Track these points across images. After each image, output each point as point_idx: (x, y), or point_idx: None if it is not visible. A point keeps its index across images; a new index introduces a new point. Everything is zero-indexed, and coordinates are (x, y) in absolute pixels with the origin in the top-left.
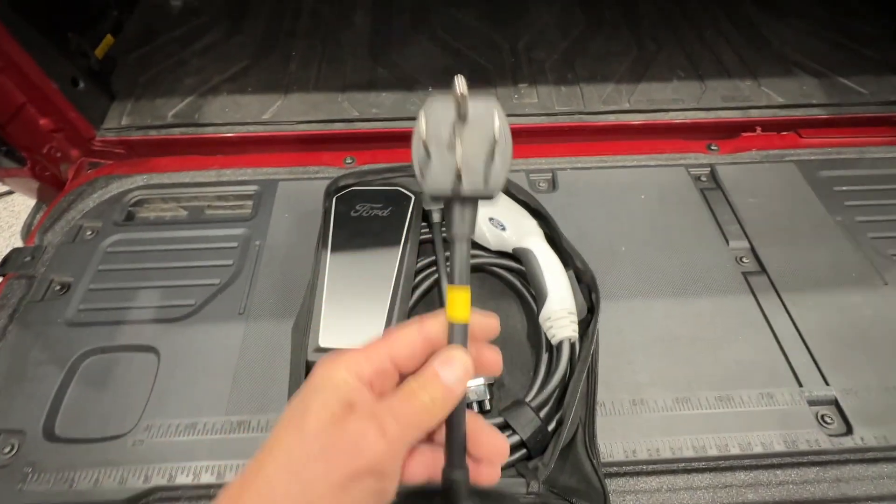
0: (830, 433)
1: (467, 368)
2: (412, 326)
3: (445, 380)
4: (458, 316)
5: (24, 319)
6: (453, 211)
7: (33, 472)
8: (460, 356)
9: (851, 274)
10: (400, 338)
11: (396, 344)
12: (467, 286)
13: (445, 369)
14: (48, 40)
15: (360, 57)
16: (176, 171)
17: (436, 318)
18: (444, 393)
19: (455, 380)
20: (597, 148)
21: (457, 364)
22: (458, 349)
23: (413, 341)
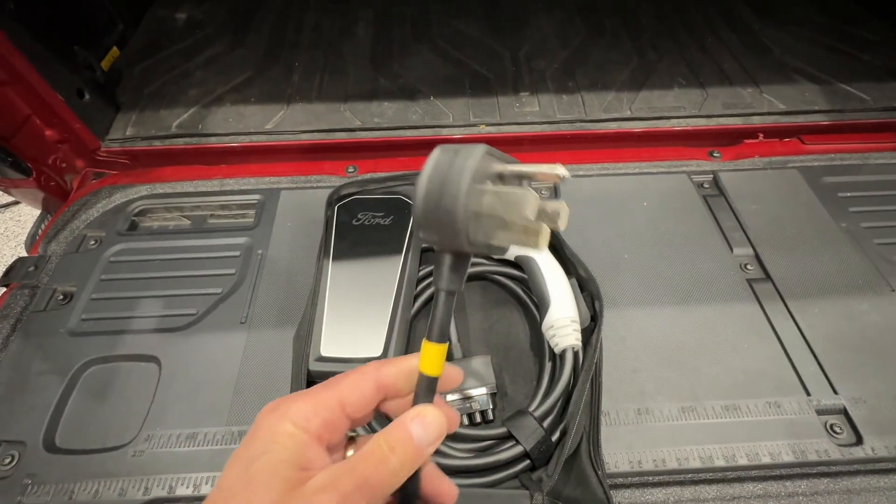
0: (840, 443)
1: (441, 431)
2: (367, 373)
3: (418, 441)
4: (431, 371)
5: (26, 329)
6: (445, 262)
7: (33, 484)
8: (435, 416)
9: (858, 280)
10: (352, 383)
11: (348, 390)
12: (446, 343)
13: (418, 429)
14: (54, 53)
15: (362, 67)
16: (179, 181)
17: (393, 365)
18: (414, 455)
19: (428, 442)
20: (598, 155)
21: (432, 425)
22: (432, 408)
23: (366, 388)
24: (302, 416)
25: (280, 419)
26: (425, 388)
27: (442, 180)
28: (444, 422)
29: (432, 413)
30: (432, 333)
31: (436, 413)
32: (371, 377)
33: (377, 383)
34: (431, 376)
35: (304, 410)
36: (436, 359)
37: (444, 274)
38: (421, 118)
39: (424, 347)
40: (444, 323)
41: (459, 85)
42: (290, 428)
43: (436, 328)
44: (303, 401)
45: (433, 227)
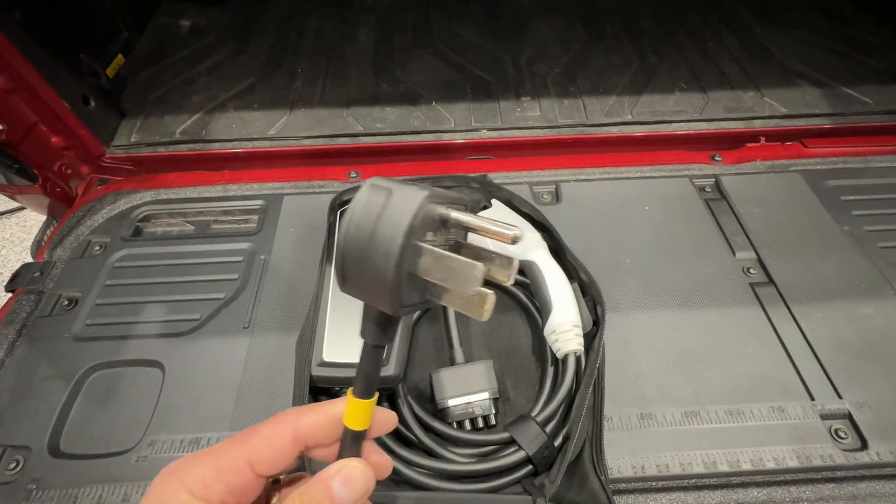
0: (845, 448)
1: (367, 487)
2: (284, 422)
3: (339, 500)
4: (356, 425)
5: (31, 335)
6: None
7: (38, 489)
8: (360, 472)
9: (861, 284)
10: (265, 438)
11: (260, 446)
12: (373, 398)
13: (339, 486)
14: (60, 61)
15: (364, 73)
16: (183, 187)
17: (314, 412)
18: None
19: (350, 500)
20: (600, 160)
21: (356, 481)
22: (358, 463)
23: (282, 442)
24: (200, 484)
25: (175, 487)
26: (350, 442)
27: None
28: (370, 477)
29: (357, 469)
30: (357, 388)
31: (361, 468)
32: (288, 429)
33: (295, 435)
34: (356, 431)
35: (205, 477)
36: (362, 413)
37: (372, 329)
38: (423, 123)
39: (349, 402)
40: (370, 377)
41: (461, 90)
42: (184, 497)
43: (360, 383)
44: (204, 464)
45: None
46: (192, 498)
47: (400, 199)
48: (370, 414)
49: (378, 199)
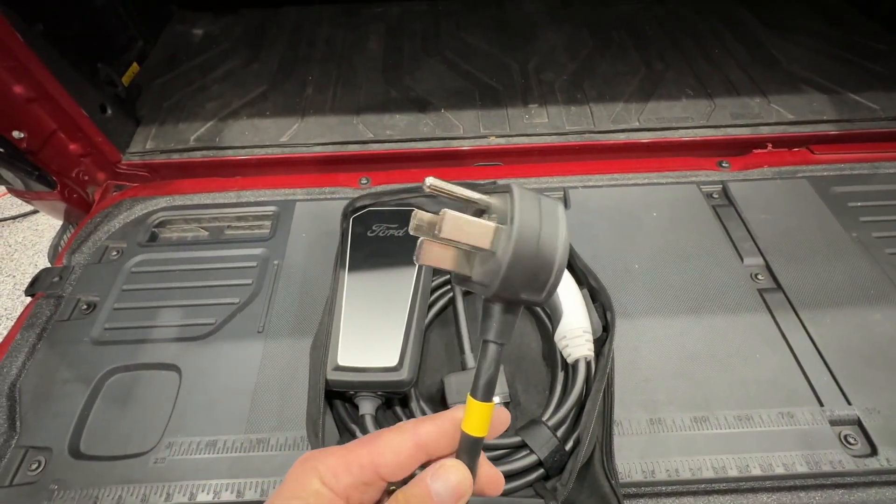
0: (854, 454)
1: (465, 491)
2: (405, 432)
3: (438, 499)
4: (474, 431)
5: (51, 338)
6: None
7: (59, 490)
8: (459, 474)
9: (870, 290)
10: (388, 443)
11: (383, 450)
12: (493, 402)
13: (438, 486)
14: (79, 71)
15: (373, 81)
16: (197, 193)
17: (433, 422)
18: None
19: (449, 500)
20: (607, 166)
21: (453, 484)
22: (457, 464)
23: (403, 449)
24: (332, 474)
25: (309, 473)
26: (467, 448)
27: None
28: (468, 481)
29: (456, 470)
30: (477, 390)
31: (460, 470)
32: (410, 436)
33: (416, 443)
34: (474, 437)
35: (335, 467)
36: (481, 418)
37: (495, 325)
38: (432, 130)
39: (470, 405)
40: (491, 378)
41: (469, 97)
42: (316, 485)
43: (482, 384)
44: (335, 456)
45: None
46: (322, 486)
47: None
48: (488, 419)
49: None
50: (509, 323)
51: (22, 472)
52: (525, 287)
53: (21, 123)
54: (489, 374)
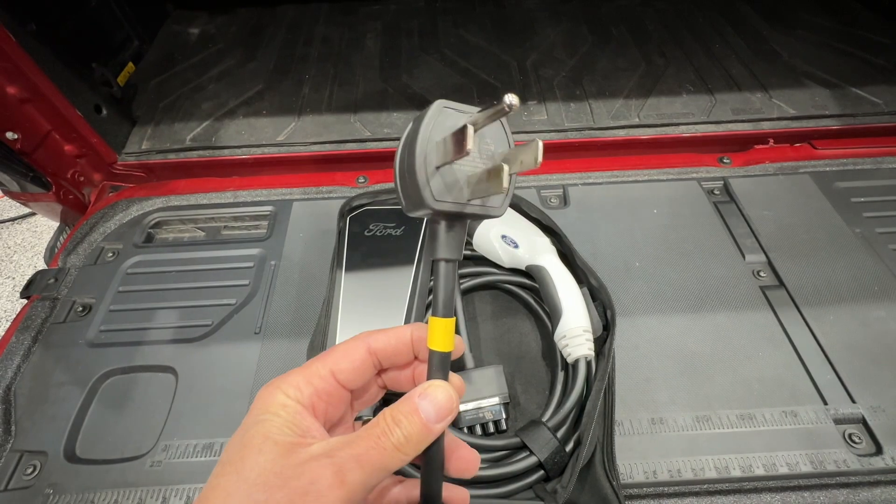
0: (859, 453)
1: (451, 408)
2: (358, 340)
3: (425, 415)
4: (441, 346)
5: (47, 341)
6: (440, 230)
7: (54, 494)
8: (445, 392)
9: (873, 287)
10: (342, 352)
11: (338, 357)
12: (453, 317)
13: (425, 404)
14: (73, 71)
15: (371, 79)
16: (193, 193)
17: (384, 333)
18: (420, 430)
19: (436, 416)
20: (607, 163)
21: (440, 401)
22: (443, 384)
23: (356, 355)
24: (293, 387)
25: (273, 392)
26: (437, 364)
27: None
28: (454, 399)
29: (442, 389)
30: (437, 308)
31: (445, 389)
32: (362, 343)
33: (368, 349)
34: (442, 352)
35: (296, 381)
36: (445, 334)
37: (440, 242)
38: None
39: (431, 323)
40: (447, 295)
41: (468, 94)
42: (281, 398)
43: (440, 301)
44: (295, 374)
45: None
46: (287, 398)
47: (420, 115)
48: (452, 334)
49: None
50: (453, 238)
51: (17, 476)
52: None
53: (15, 124)
54: (445, 291)
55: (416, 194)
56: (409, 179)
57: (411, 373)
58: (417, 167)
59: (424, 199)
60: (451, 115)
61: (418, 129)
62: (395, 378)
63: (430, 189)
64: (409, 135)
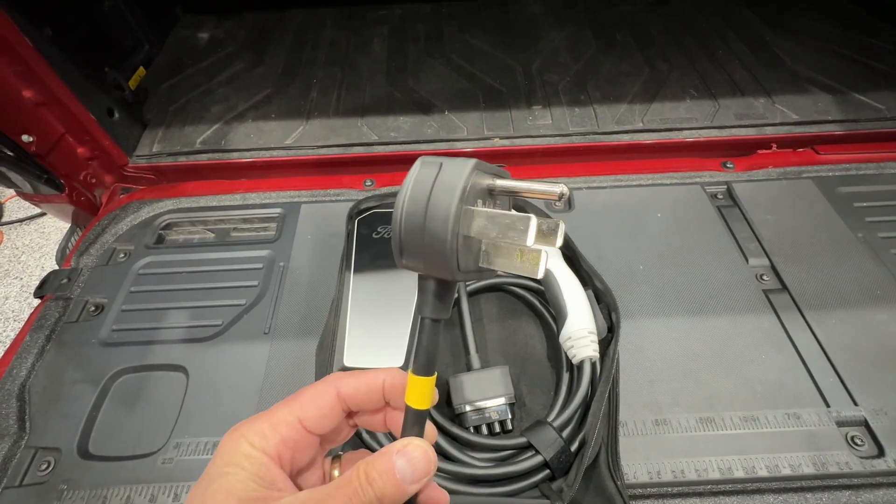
0: (861, 455)
1: (428, 469)
2: (327, 383)
3: (401, 476)
4: (417, 404)
5: (60, 340)
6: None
7: (68, 490)
8: (422, 452)
9: (876, 291)
10: (309, 397)
11: (305, 403)
12: (433, 375)
13: (402, 463)
14: (87, 75)
15: (377, 83)
16: (203, 196)
17: (354, 377)
18: (394, 491)
19: (412, 477)
20: (612, 167)
21: (418, 461)
22: (420, 443)
23: (324, 401)
24: (258, 435)
25: (237, 440)
26: (412, 420)
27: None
28: (432, 459)
29: (420, 450)
30: (418, 366)
31: (424, 450)
32: (331, 388)
33: (337, 395)
34: (418, 409)
35: (262, 430)
36: (423, 392)
37: (429, 301)
38: (436, 132)
39: (411, 380)
40: (430, 353)
41: (473, 99)
42: (246, 448)
43: (422, 359)
44: (261, 420)
45: (415, 254)
46: (252, 448)
47: (451, 169)
48: (431, 392)
49: (430, 171)
50: (444, 298)
51: (32, 472)
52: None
53: (30, 127)
54: (427, 350)
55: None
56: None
57: (383, 417)
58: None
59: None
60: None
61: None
62: (367, 420)
63: (458, 260)
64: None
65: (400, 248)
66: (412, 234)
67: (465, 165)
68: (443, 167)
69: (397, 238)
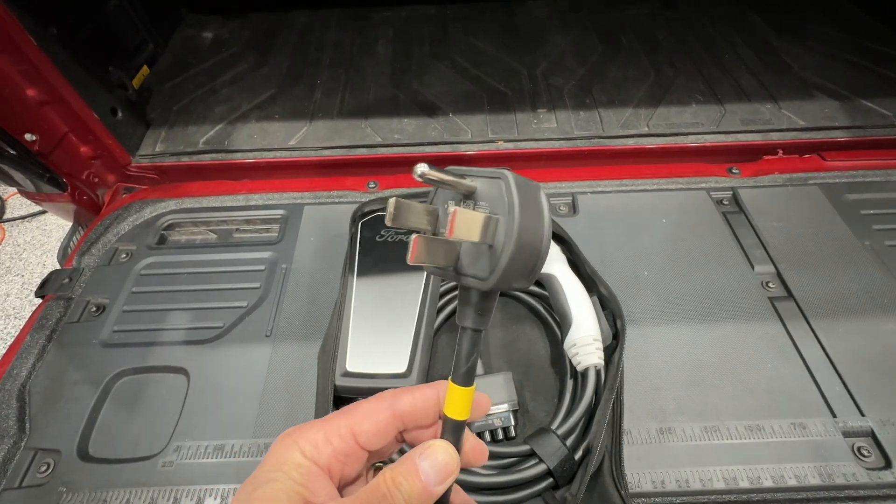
0: (868, 466)
1: (452, 470)
2: (382, 400)
3: (426, 478)
4: (457, 415)
5: (61, 340)
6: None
7: (67, 492)
8: (445, 454)
9: (883, 300)
10: (365, 412)
11: (361, 418)
12: (473, 386)
13: (426, 465)
14: (91, 74)
15: (382, 85)
16: (206, 196)
17: (410, 394)
18: (421, 493)
19: (437, 478)
20: (616, 172)
21: (441, 463)
22: (443, 444)
23: (380, 417)
24: (312, 446)
25: (290, 447)
26: (449, 431)
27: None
28: (455, 462)
29: (442, 450)
30: (458, 376)
31: (447, 451)
32: (387, 405)
33: (393, 412)
34: (456, 420)
35: (316, 440)
36: (462, 402)
37: (471, 313)
38: (440, 134)
39: (451, 390)
40: (471, 364)
41: (478, 101)
42: (297, 457)
43: (462, 370)
44: (315, 429)
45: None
46: (304, 458)
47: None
48: (469, 403)
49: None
50: (488, 309)
51: (31, 474)
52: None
53: (33, 126)
54: (468, 361)
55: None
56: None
57: (434, 432)
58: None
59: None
60: None
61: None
62: (418, 436)
63: None
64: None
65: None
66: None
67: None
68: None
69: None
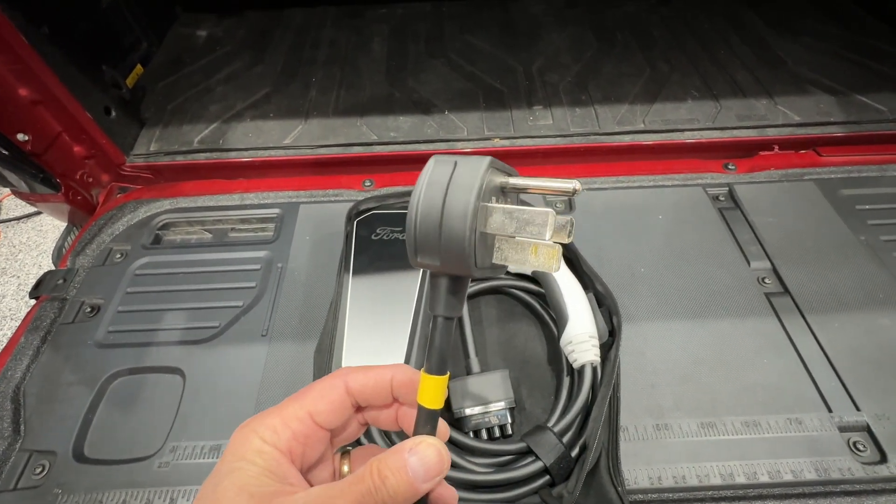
0: (864, 461)
1: (441, 468)
2: (336, 377)
3: (413, 474)
4: (430, 404)
5: (56, 341)
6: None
7: (63, 494)
8: (434, 452)
9: (878, 294)
10: (318, 392)
11: (315, 398)
12: (446, 374)
13: (415, 461)
14: (84, 73)
15: (377, 82)
16: (201, 195)
17: (363, 372)
18: (407, 489)
19: (424, 476)
20: (612, 168)
21: (430, 460)
22: (433, 441)
23: (333, 396)
24: (271, 431)
25: (249, 435)
26: (424, 419)
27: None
28: (445, 458)
29: (433, 448)
30: (431, 365)
31: (437, 448)
32: (340, 382)
33: (346, 390)
34: (431, 409)
35: (273, 425)
36: (435, 392)
37: (441, 299)
38: (436, 132)
39: (423, 379)
40: (442, 352)
41: (473, 99)
42: (258, 444)
43: (434, 358)
44: (272, 415)
45: (432, 251)
46: (265, 444)
47: (466, 166)
48: (443, 392)
49: (445, 169)
50: (457, 295)
51: (26, 475)
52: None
53: (26, 126)
54: (440, 349)
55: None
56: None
57: (394, 413)
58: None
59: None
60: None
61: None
62: (377, 417)
63: (475, 256)
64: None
65: (415, 246)
66: (429, 232)
67: (481, 163)
68: (458, 165)
69: (412, 236)
